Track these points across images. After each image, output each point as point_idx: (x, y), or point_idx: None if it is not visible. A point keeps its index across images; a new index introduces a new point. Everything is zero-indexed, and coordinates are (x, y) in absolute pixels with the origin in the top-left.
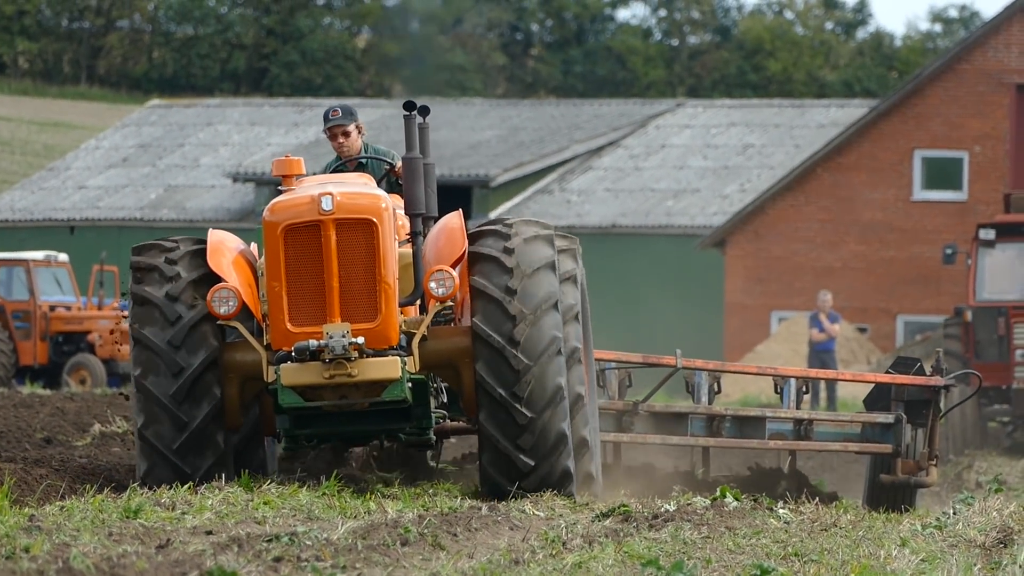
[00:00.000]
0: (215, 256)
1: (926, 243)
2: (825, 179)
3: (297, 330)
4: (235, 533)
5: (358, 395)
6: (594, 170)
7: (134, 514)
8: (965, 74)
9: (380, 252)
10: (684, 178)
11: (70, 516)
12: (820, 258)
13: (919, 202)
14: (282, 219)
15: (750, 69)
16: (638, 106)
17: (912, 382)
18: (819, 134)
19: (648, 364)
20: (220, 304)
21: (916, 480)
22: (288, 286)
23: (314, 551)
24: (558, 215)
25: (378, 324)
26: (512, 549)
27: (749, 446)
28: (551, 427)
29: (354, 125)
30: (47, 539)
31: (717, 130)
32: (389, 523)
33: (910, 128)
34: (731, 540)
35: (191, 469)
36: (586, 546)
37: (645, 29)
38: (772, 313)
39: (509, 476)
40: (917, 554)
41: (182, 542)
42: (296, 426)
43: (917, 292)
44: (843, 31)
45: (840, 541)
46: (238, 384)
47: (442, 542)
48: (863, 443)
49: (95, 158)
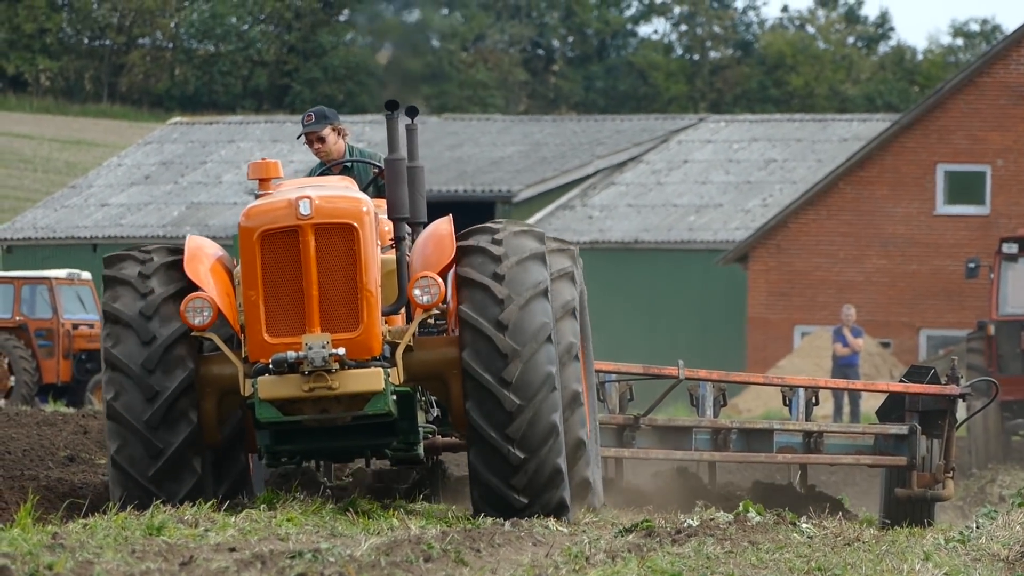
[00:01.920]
0: (192, 263)
1: (949, 257)
2: (847, 193)
3: (275, 341)
4: (258, 550)
5: (339, 409)
6: (616, 186)
7: (157, 531)
8: (987, 87)
9: (361, 258)
10: (706, 193)
11: (93, 533)
12: (843, 272)
13: (941, 216)
14: (258, 224)
15: (772, 84)
16: (660, 121)
17: (927, 391)
18: (841, 148)
19: (649, 376)
20: (194, 314)
21: (933, 494)
22: (265, 295)
23: (337, 567)
24: (580, 231)
25: (360, 334)
26: (535, 565)
27: (756, 460)
28: (546, 464)
29: (330, 128)
30: (70, 556)
31: (739, 145)
32: (412, 539)
33: (932, 142)
34: (754, 555)
35: (167, 496)
36: (609, 561)
37: (666, 44)
38: (795, 328)
39: (499, 472)
40: (940, 568)
41: (205, 559)
42: (276, 442)
43: (940, 306)
44: (865, 45)
45: (863, 556)
46: (215, 399)
47: (465, 558)
48: (876, 456)
49: (117, 176)
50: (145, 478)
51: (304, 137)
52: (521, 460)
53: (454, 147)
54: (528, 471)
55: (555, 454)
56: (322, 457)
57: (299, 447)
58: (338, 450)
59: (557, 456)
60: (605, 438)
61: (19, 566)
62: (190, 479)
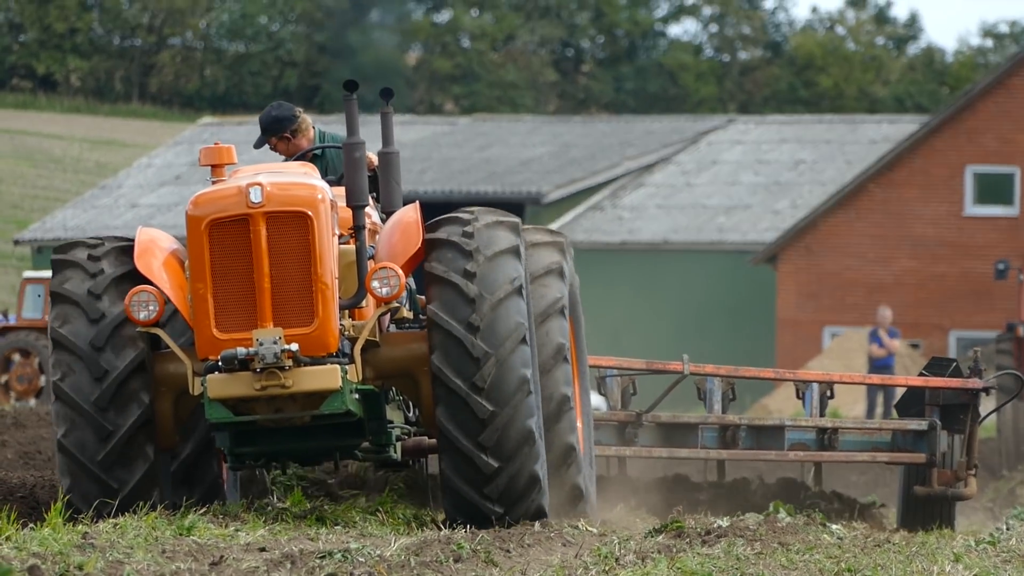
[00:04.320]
0: (144, 257)
1: (978, 258)
2: (877, 195)
3: (224, 337)
4: (288, 550)
5: (295, 408)
6: (646, 187)
7: (187, 531)
8: (1016, 89)
9: (316, 249)
10: (736, 194)
11: (124, 533)
12: (872, 273)
13: (971, 217)
14: (206, 213)
15: (801, 85)
16: (689, 122)
17: (948, 385)
18: (871, 150)
19: (653, 371)
20: (139, 309)
21: (953, 492)
22: (214, 288)
23: (367, 567)
24: (610, 231)
25: (314, 329)
26: (565, 565)
27: (767, 458)
28: (522, 472)
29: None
30: (101, 556)
31: (768, 146)
32: (442, 539)
33: (961, 143)
34: (784, 556)
35: (117, 484)
36: (639, 562)
37: (696, 45)
38: (824, 328)
39: (471, 481)
40: (970, 569)
41: (235, 559)
42: (236, 443)
43: (969, 307)
44: (894, 46)
45: (893, 557)
46: (171, 398)
47: (495, 558)
48: (893, 452)
49: (147, 176)
50: (94, 463)
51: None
52: (495, 469)
53: (483, 147)
54: (502, 480)
55: (531, 461)
56: (287, 459)
57: (261, 449)
58: (303, 452)
59: (534, 463)
60: (606, 435)
61: (49, 566)
62: (142, 466)
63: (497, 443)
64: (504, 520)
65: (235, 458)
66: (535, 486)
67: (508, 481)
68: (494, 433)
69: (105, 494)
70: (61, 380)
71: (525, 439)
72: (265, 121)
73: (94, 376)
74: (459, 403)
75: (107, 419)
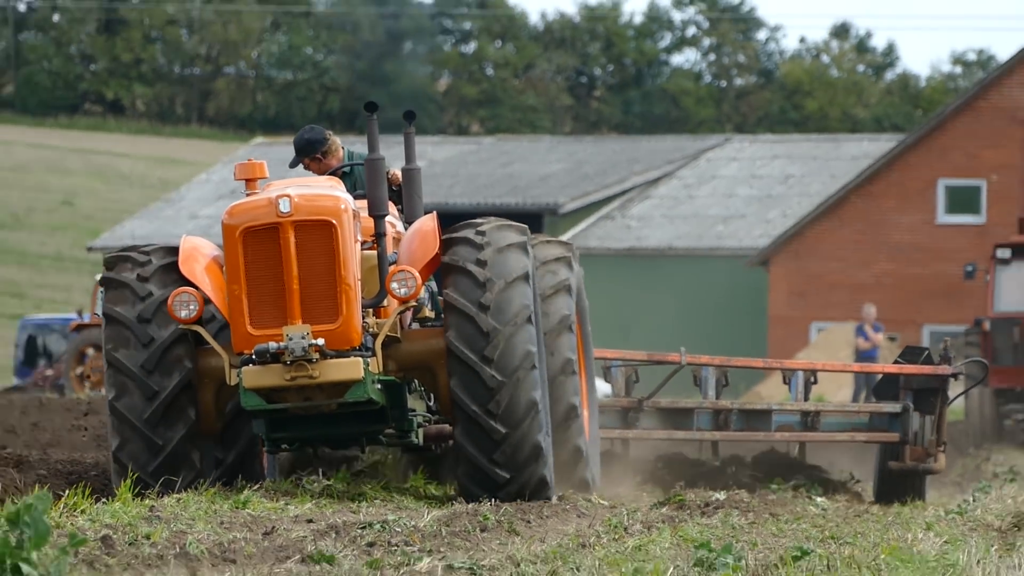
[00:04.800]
0: (187, 263)
1: (949, 261)
2: (858, 205)
3: (258, 332)
4: (333, 521)
5: (321, 396)
6: (651, 198)
7: (243, 505)
8: (983, 111)
9: (340, 253)
10: (732, 205)
11: (186, 507)
12: (854, 275)
13: (942, 225)
14: (240, 222)
15: (790, 108)
16: (690, 141)
17: (920, 371)
18: (852, 165)
19: (653, 361)
20: (180, 308)
21: (924, 467)
22: (248, 289)
23: (403, 536)
24: (619, 239)
25: (339, 325)
26: (579, 534)
27: (755, 439)
28: (527, 440)
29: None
30: (166, 527)
31: (761, 162)
32: (470, 512)
33: (934, 159)
34: (774, 525)
35: (162, 441)
36: (645, 531)
37: (696, 72)
38: (811, 324)
39: (481, 447)
40: (941, 536)
41: (286, 529)
42: (271, 429)
43: (941, 305)
44: (873, 73)
45: (872, 526)
46: (213, 389)
47: (517, 528)
48: (870, 432)
49: (206, 190)
50: (145, 473)
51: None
52: (502, 435)
53: (506, 164)
54: (508, 446)
55: (535, 430)
56: (317, 443)
57: (293, 434)
58: (331, 436)
59: (537, 432)
60: (611, 419)
61: (120, 536)
62: (189, 474)
63: (505, 410)
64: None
65: (271, 442)
66: (538, 454)
67: (513, 448)
68: (502, 400)
69: (150, 451)
70: (116, 399)
71: (530, 407)
72: (299, 143)
73: (145, 396)
74: (470, 374)
75: (157, 434)
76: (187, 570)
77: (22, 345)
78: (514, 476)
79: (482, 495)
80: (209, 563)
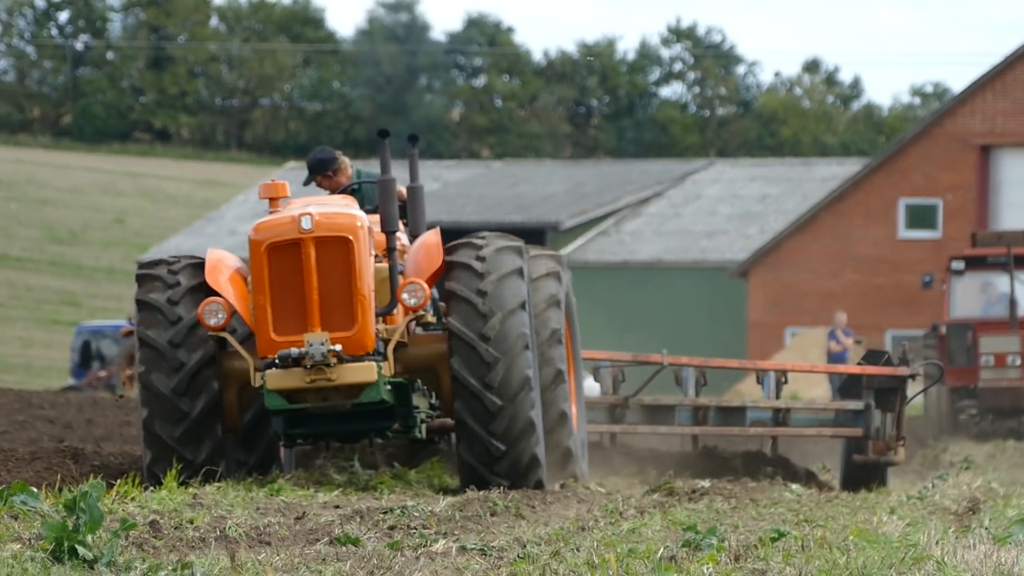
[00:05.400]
0: (213, 273)
1: (909, 273)
2: (827, 222)
3: (280, 339)
4: (357, 507)
5: (338, 397)
6: (643, 216)
7: (277, 492)
8: (939, 137)
9: (356, 267)
10: (715, 222)
11: (226, 495)
12: (824, 285)
13: (903, 240)
14: (265, 238)
15: (767, 135)
16: (678, 165)
17: (881, 372)
18: (822, 186)
19: (637, 362)
20: (210, 316)
21: (885, 459)
22: (272, 299)
23: (421, 521)
24: (614, 252)
25: (355, 333)
26: (579, 518)
27: (731, 433)
28: (520, 413)
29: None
30: (208, 513)
31: (741, 184)
32: (480, 498)
33: (895, 180)
34: (754, 510)
35: (191, 457)
36: (639, 515)
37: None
38: (786, 329)
39: (484, 462)
40: (903, 520)
41: (315, 514)
42: (289, 426)
43: (902, 312)
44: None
45: (842, 510)
46: (236, 389)
47: (523, 513)
48: (836, 428)
49: (244, 210)
50: (172, 440)
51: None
52: (503, 452)
53: (513, 186)
54: (508, 461)
55: (533, 445)
56: (330, 439)
57: (309, 430)
58: (344, 432)
59: (535, 446)
60: (599, 415)
61: (166, 520)
62: (211, 444)
63: (501, 383)
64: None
65: (287, 438)
66: (536, 465)
67: (513, 462)
68: (498, 374)
69: (181, 466)
70: (146, 373)
71: (524, 382)
72: (311, 163)
73: (172, 368)
74: (470, 351)
75: (183, 403)
76: (227, 552)
77: (78, 349)
78: (509, 449)
79: (480, 468)
80: (246, 545)
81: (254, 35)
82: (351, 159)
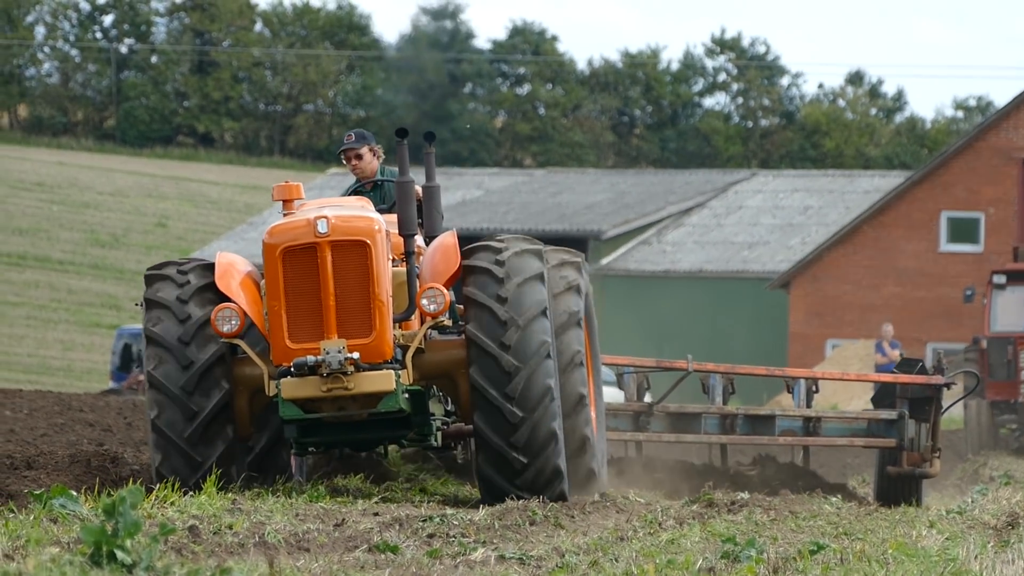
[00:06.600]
0: (224, 278)
1: (950, 286)
2: (869, 234)
3: (296, 346)
4: (397, 514)
5: (355, 407)
6: (685, 226)
7: (316, 499)
8: (982, 151)
9: (373, 271)
10: (757, 233)
11: (265, 501)
12: (865, 297)
13: (945, 253)
14: (280, 242)
15: (810, 146)
16: (720, 175)
17: (915, 380)
18: (865, 198)
19: (661, 368)
20: (223, 323)
21: (920, 471)
22: (287, 305)
23: (460, 529)
24: (655, 262)
25: (373, 340)
26: (618, 528)
27: (760, 442)
28: (542, 425)
29: (367, 148)
30: (247, 519)
31: (783, 195)
32: (520, 507)
33: (938, 193)
34: (793, 522)
35: (201, 458)
36: (677, 526)
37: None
38: (827, 341)
39: (505, 474)
40: (942, 534)
41: (354, 521)
42: (302, 435)
43: (943, 325)
44: (884, 116)
45: (881, 523)
46: (247, 396)
47: (562, 522)
48: (869, 438)
49: None
50: (182, 439)
51: (343, 154)
52: (524, 464)
53: (555, 194)
54: (531, 473)
55: (555, 456)
56: (344, 447)
57: (322, 439)
58: (358, 442)
59: (557, 458)
60: (623, 423)
61: (206, 526)
62: (222, 443)
63: (521, 394)
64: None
65: (300, 446)
66: (559, 476)
67: (535, 474)
68: (518, 385)
69: (191, 467)
70: (154, 370)
71: (545, 392)
72: (348, 137)
73: (182, 365)
74: (489, 360)
75: (193, 401)
76: (266, 558)
77: (118, 352)
78: (531, 461)
79: (501, 481)
80: (286, 551)
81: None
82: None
